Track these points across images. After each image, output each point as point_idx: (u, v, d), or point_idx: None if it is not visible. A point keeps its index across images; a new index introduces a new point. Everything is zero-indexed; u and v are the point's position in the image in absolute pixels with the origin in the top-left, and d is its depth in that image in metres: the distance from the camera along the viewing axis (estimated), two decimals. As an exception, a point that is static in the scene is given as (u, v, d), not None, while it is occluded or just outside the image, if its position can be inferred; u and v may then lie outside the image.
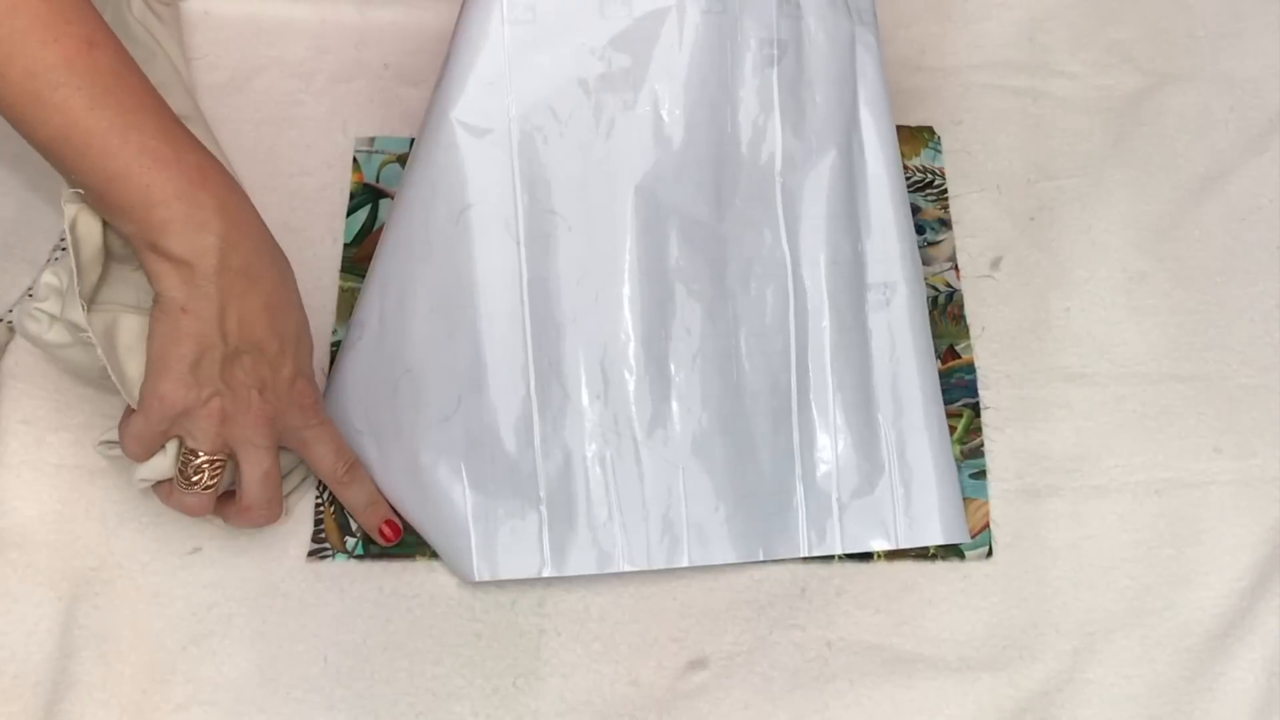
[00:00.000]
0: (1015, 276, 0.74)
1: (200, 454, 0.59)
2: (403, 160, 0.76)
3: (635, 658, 0.63)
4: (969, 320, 0.72)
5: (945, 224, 0.75)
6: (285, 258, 0.61)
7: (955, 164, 0.77)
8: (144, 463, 0.60)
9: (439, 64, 0.79)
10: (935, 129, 0.78)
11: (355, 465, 0.64)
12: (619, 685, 0.63)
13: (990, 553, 0.66)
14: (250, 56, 0.78)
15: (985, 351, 0.71)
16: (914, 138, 0.77)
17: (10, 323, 0.69)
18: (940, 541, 0.66)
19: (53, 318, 0.60)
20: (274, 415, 0.60)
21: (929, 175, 0.76)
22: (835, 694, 0.63)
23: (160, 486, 0.62)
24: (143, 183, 0.56)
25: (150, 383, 0.58)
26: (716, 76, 0.66)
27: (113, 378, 0.59)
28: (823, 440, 0.66)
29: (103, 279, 0.60)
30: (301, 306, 0.61)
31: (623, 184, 0.65)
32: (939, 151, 0.77)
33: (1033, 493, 0.68)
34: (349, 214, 0.74)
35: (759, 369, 0.66)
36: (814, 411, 0.67)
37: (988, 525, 0.67)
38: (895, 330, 0.68)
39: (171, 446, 0.60)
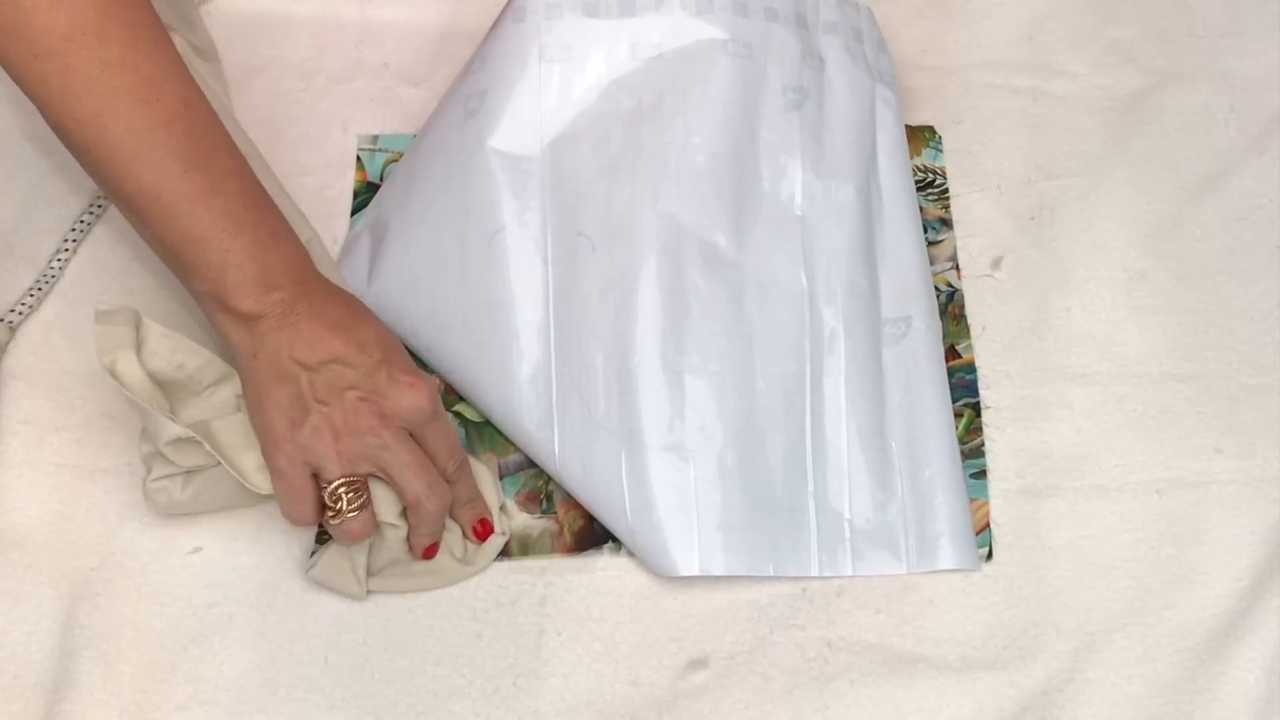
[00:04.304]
0: (1016, 276, 0.74)
1: (333, 480, 0.59)
2: (405, 159, 0.76)
3: (636, 657, 0.63)
4: (969, 320, 0.72)
5: (946, 223, 0.75)
6: (354, 295, 0.62)
7: (956, 163, 0.77)
8: (309, 523, 0.61)
9: (440, 63, 0.79)
10: (936, 128, 0.78)
11: (464, 463, 0.64)
12: (619, 685, 0.63)
13: (991, 553, 0.66)
14: (251, 55, 0.78)
15: (986, 351, 0.71)
16: (915, 137, 0.77)
17: (10, 322, 0.69)
18: (951, 567, 0.65)
19: (170, 476, 0.61)
20: (384, 414, 0.59)
21: (930, 175, 0.76)
22: (836, 694, 0.63)
23: (330, 527, 0.61)
24: (222, 247, 0.57)
25: (262, 440, 0.59)
26: (740, 115, 0.70)
27: (239, 479, 0.60)
28: (835, 463, 0.67)
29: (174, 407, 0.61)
30: (380, 325, 0.61)
31: (645, 207, 0.68)
32: (940, 151, 0.77)
33: (1033, 492, 0.68)
34: (353, 213, 0.74)
35: (774, 389, 0.67)
36: (827, 434, 0.67)
37: (988, 525, 0.67)
38: (910, 363, 0.69)
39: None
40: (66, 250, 0.71)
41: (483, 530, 0.64)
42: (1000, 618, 0.65)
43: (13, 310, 0.69)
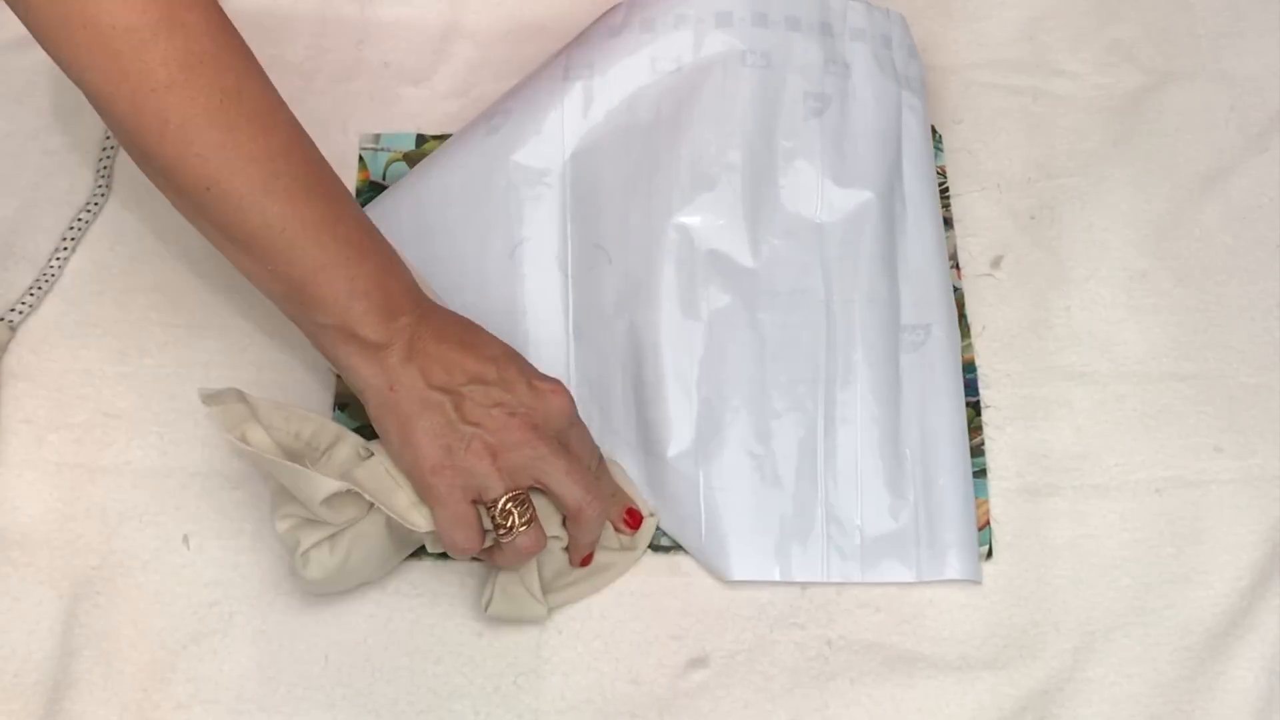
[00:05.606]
0: (1016, 275, 0.74)
1: (499, 500, 0.57)
2: (409, 158, 0.75)
3: (636, 656, 0.63)
4: (970, 319, 0.72)
5: (946, 222, 0.75)
6: (466, 317, 0.61)
7: (956, 163, 0.77)
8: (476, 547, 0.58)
9: (440, 63, 0.79)
10: (936, 128, 0.78)
11: (603, 458, 0.63)
12: (619, 683, 0.63)
13: (990, 552, 0.66)
14: (251, 55, 0.78)
15: (986, 350, 0.71)
16: (915, 136, 0.77)
17: (10, 322, 0.69)
18: (955, 577, 0.65)
19: (318, 544, 0.59)
20: (536, 425, 0.58)
21: (930, 174, 0.76)
22: (836, 693, 0.63)
23: (495, 554, 0.59)
24: (348, 275, 0.56)
25: (416, 473, 0.57)
26: (758, 126, 0.70)
27: (399, 519, 0.57)
28: (848, 469, 0.66)
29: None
30: (498, 337, 0.60)
31: (659, 219, 0.68)
32: (940, 150, 0.77)
33: (1033, 491, 0.68)
34: (351, 213, 0.74)
35: (786, 395, 0.67)
36: (841, 441, 0.67)
37: (988, 523, 0.67)
38: (927, 371, 0.69)
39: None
40: (65, 249, 0.71)
41: (633, 521, 0.64)
42: (1000, 617, 0.65)
43: (13, 310, 0.69)
